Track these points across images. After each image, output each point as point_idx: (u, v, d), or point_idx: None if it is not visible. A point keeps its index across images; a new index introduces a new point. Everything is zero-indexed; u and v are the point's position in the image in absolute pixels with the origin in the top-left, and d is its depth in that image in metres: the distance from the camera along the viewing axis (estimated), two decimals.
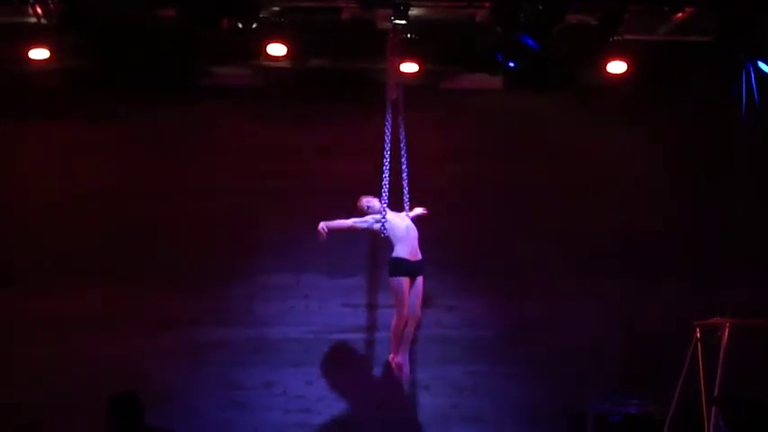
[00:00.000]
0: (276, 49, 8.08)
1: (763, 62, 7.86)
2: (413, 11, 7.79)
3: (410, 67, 8.29)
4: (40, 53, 8.04)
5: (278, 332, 8.77)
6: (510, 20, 7.78)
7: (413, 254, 7.98)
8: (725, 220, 8.96)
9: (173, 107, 8.85)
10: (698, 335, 7.52)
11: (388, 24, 7.83)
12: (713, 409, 7.34)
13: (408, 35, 7.88)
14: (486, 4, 7.86)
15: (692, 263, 8.88)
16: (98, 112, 8.83)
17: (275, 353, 8.72)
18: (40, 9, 7.72)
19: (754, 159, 8.99)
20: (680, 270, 8.87)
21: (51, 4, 7.69)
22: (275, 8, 7.90)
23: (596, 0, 7.87)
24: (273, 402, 8.69)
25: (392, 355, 8.09)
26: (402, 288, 7.91)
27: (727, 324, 7.39)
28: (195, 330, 8.68)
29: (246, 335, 8.72)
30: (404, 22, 7.75)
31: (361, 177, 8.22)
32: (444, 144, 9.00)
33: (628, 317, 8.84)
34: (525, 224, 8.94)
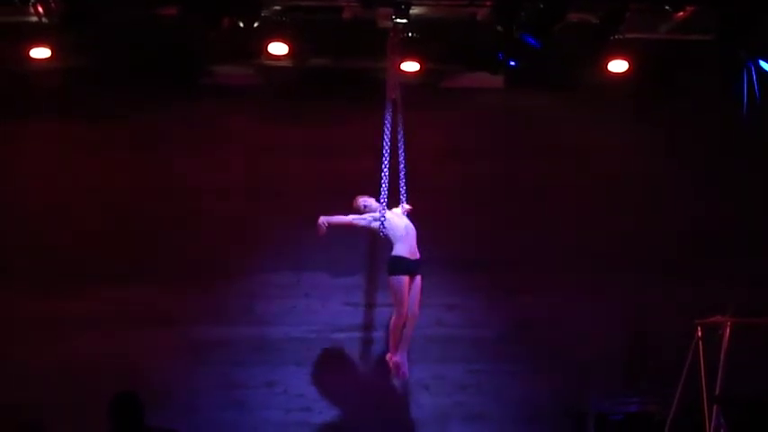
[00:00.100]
0: (277, 48, 8.08)
1: (764, 61, 7.85)
2: (414, 9, 7.78)
3: (411, 66, 8.29)
4: (40, 52, 8.03)
5: (279, 331, 8.75)
6: (511, 18, 7.77)
7: (412, 252, 7.97)
8: (725, 218, 8.96)
9: (173, 106, 8.83)
10: (699, 333, 7.51)
11: (389, 23, 7.82)
12: (714, 407, 7.33)
13: (409, 34, 7.88)
14: (488, 3, 7.85)
15: (693, 261, 8.88)
16: (98, 111, 8.81)
17: (276, 352, 8.71)
18: (41, 8, 7.68)
19: (755, 158, 8.99)
20: (681, 268, 8.86)
21: (52, 4, 7.66)
22: (276, 7, 7.88)
23: None
24: (274, 402, 8.67)
25: (390, 355, 8.07)
26: (402, 287, 7.90)
27: (728, 323, 7.38)
28: (195, 330, 8.66)
29: (247, 334, 8.70)
30: (405, 20, 7.75)
31: (361, 176, 8.21)
32: (445, 143, 9.00)
33: (629, 316, 8.85)
34: (526, 223, 8.93)
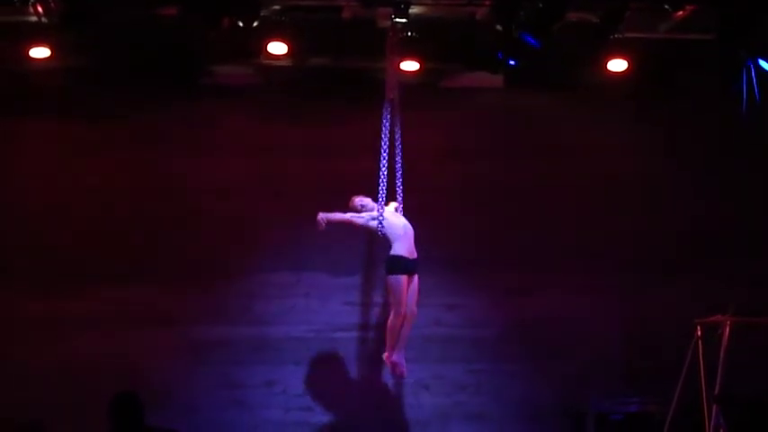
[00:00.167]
0: (277, 48, 8.07)
1: (763, 60, 7.84)
2: (413, 9, 7.77)
3: (411, 66, 8.29)
4: (40, 52, 8.03)
5: (278, 331, 8.75)
6: (510, 18, 7.76)
7: (410, 252, 7.96)
8: (725, 218, 8.96)
9: (173, 106, 8.84)
10: (699, 333, 7.50)
11: (389, 23, 7.81)
12: (714, 407, 7.32)
13: (409, 33, 7.87)
14: (487, 3, 7.84)
15: (692, 261, 8.87)
16: (98, 111, 8.82)
17: (276, 351, 8.71)
18: (40, 8, 7.67)
19: (755, 158, 8.99)
20: (681, 268, 8.86)
21: (52, 3, 7.65)
22: (276, 7, 7.88)
23: None
24: (274, 401, 8.67)
25: (387, 354, 8.04)
26: (401, 286, 7.88)
27: (728, 322, 7.37)
28: (195, 329, 8.66)
29: (247, 333, 8.70)
30: (404, 20, 7.73)
31: (361, 176, 8.19)
32: (445, 142, 9.00)
33: (629, 316, 8.84)
34: (526, 222, 8.92)
